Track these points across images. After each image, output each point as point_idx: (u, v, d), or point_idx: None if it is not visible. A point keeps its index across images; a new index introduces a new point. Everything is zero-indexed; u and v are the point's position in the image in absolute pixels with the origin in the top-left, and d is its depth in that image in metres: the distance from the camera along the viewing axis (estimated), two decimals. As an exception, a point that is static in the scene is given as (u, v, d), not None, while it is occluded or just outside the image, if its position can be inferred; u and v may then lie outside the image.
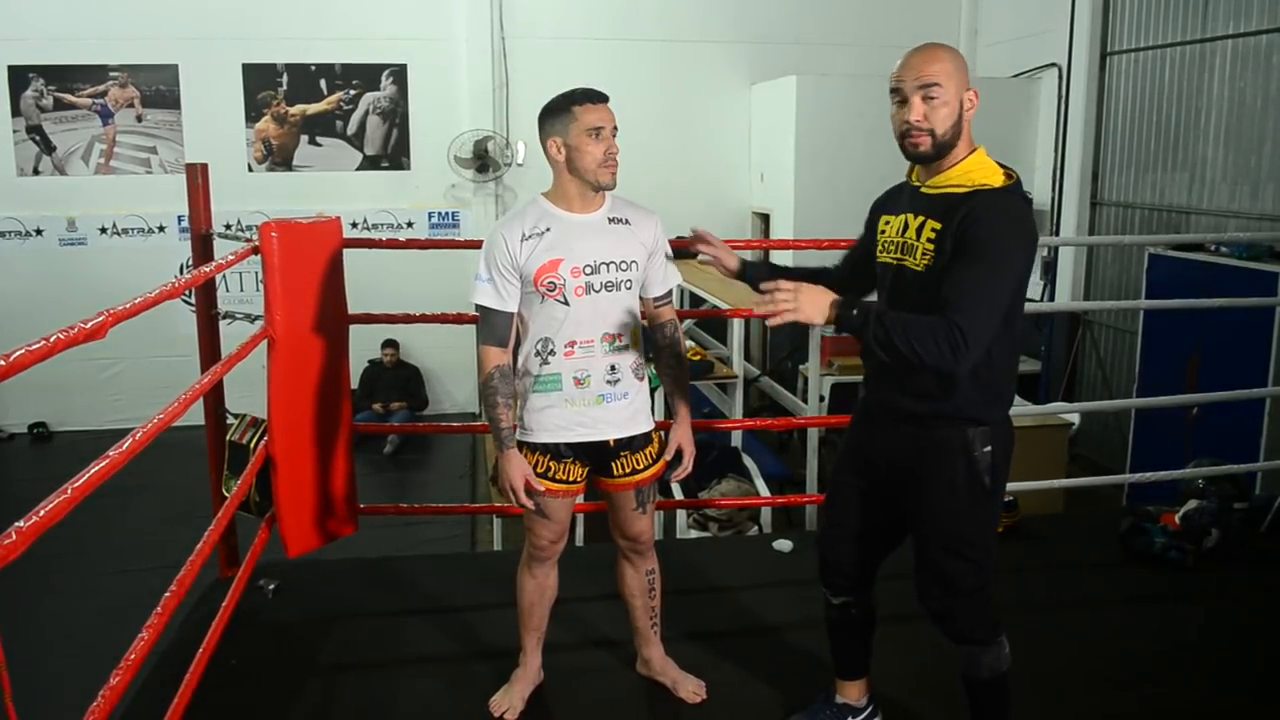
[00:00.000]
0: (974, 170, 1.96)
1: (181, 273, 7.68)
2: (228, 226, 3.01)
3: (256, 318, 3.01)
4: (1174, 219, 6.58)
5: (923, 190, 2.02)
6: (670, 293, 2.48)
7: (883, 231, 2.11)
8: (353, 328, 3.26)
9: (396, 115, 8.56)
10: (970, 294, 1.86)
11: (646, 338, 2.48)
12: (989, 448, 2.02)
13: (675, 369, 2.52)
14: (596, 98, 2.25)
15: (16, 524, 1.41)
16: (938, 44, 1.99)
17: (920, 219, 1.99)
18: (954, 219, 1.92)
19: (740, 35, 8.71)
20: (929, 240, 1.96)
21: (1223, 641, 2.89)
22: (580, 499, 2.59)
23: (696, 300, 6.83)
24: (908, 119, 1.94)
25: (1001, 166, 1.99)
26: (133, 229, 8.34)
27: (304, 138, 8.50)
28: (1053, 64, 7.73)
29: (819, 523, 2.40)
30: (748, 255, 8.53)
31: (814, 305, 1.92)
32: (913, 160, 2.02)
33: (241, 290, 8.00)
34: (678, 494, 4.79)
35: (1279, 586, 3.25)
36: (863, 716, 2.42)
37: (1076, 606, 3.11)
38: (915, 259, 1.99)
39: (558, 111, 2.25)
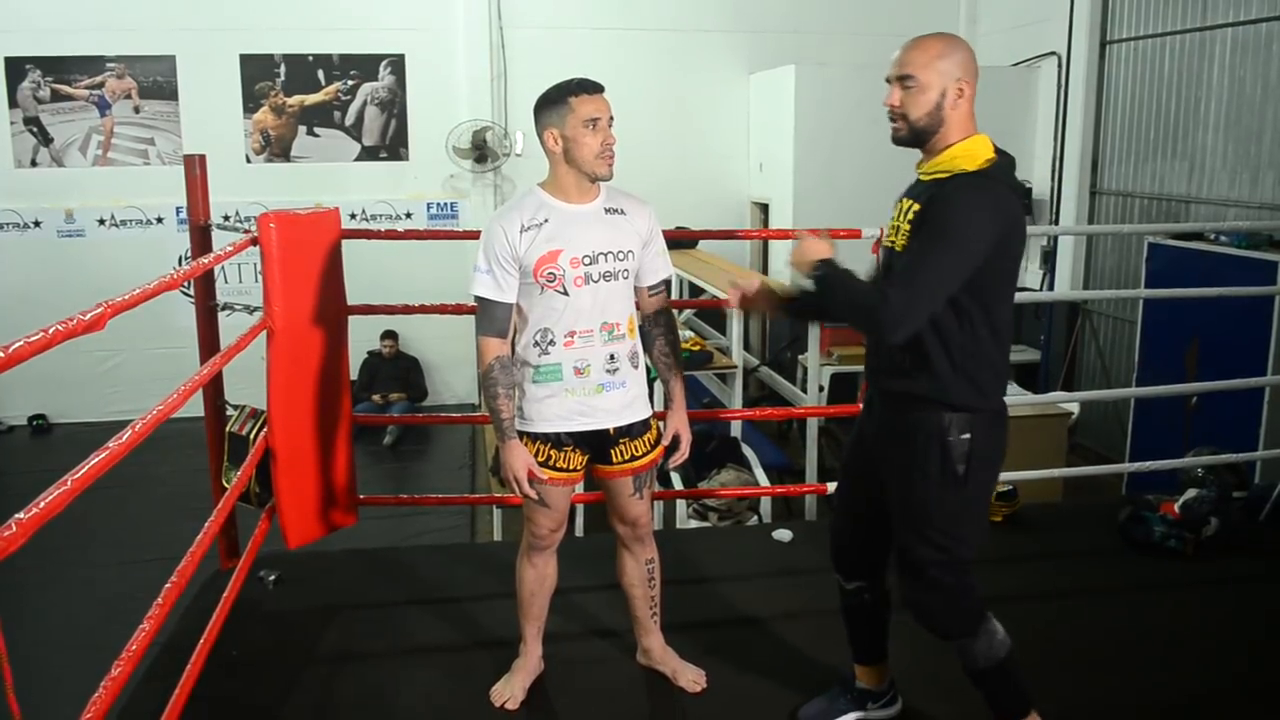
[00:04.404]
0: (959, 156, 1.99)
1: (180, 264, 7.67)
2: (226, 218, 2.98)
3: (255, 309, 3.00)
4: (1173, 208, 6.57)
5: (919, 176, 2.09)
6: (664, 282, 2.48)
7: (891, 218, 2.16)
8: (352, 319, 3.26)
9: (394, 106, 8.53)
10: (911, 267, 1.94)
11: (641, 327, 2.48)
12: (967, 435, 2.00)
13: (670, 357, 2.52)
14: (592, 88, 2.25)
15: (17, 515, 1.41)
16: (932, 35, 2.00)
17: (909, 203, 2.06)
18: (929, 201, 1.98)
19: (738, 24, 8.68)
20: (908, 221, 2.03)
21: (1222, 630, 2.89)
22: (580, 487, 2.59)
23: (696, 290, 6.82)
24: (885, 103, 2.03)
25: (997, 152, 2.00)
26: (131, 220, 8.32)
27: (302, 128, 8.47)
28: (1052, 52, 7.71)
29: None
30: (746, 245, 8.44)
31: (804, 254, 2.02)
32: (895, 144, 2.09)
33: (240, 281, 7.99)
34: (677, 484, 4.80)
35: (1278, 575, 3.26)
36: (883, 701, 2.41)
37: (1075, 595, 3.11)
38: (898, 240, 2.06)
39: (554, 103, 2.25)
